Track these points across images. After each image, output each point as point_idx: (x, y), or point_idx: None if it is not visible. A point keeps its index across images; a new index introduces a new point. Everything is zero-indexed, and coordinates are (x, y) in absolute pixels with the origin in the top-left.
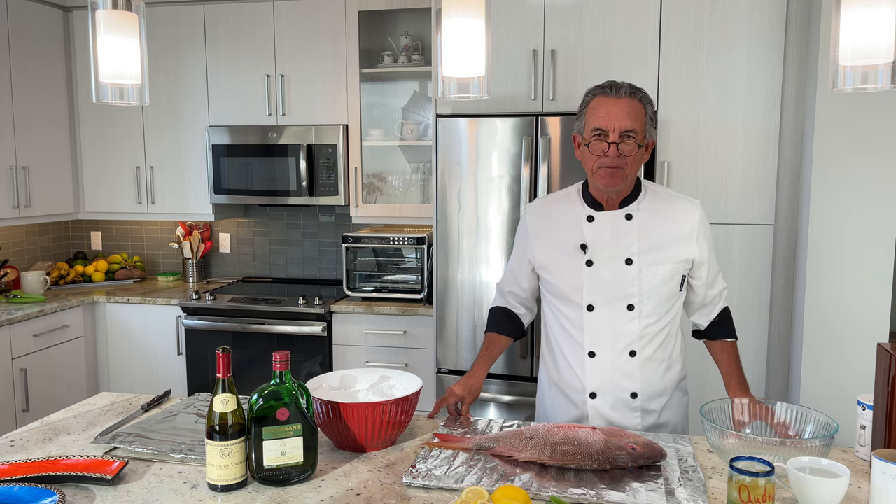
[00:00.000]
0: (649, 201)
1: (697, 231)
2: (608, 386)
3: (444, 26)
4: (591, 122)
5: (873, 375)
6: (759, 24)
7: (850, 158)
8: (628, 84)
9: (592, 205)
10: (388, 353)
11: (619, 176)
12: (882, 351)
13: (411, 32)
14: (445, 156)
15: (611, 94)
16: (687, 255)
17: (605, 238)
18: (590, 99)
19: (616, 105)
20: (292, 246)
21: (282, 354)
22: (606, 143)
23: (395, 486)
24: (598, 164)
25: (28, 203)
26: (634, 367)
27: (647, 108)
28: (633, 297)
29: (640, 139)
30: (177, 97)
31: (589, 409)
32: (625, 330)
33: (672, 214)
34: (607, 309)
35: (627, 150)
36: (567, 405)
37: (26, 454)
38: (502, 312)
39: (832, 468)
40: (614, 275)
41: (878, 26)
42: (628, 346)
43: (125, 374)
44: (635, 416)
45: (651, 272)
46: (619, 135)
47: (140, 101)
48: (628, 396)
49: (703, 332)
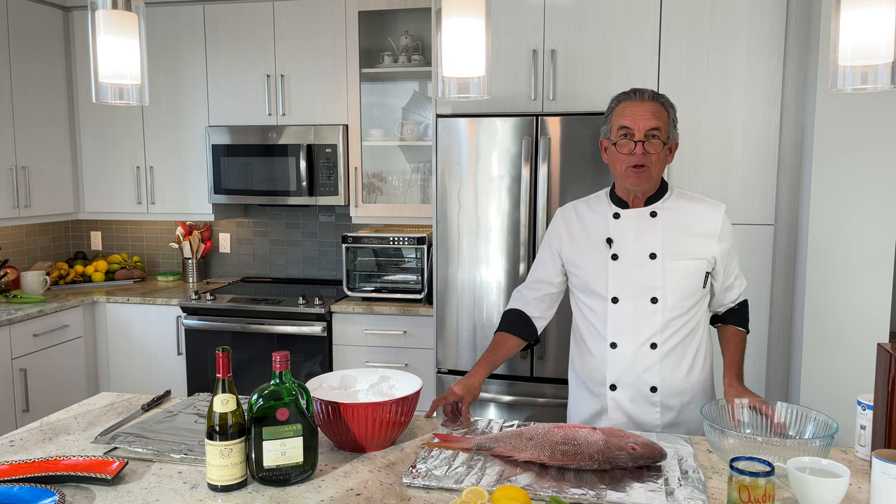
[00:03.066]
0: (674, 200)
1: (720, 231)
2: (629, 378)
3: (444, 26)
4: (616, 122)
5: (873, 375)
6: (759, 25)
7: (851, 158)
8: (651, 90)
9: (619, 204)
10: (388, 353)
11: (645, 175)
12: (882, 351)
13: (411, 32)
14: (445, 156)
15: (635, 97)
16: (709, 252)
17: (630, 233)
18: (615, 104)
19: (640, 107)
20: (292, 246)
21: (282, 354)
22: (633, 143)
23: (395, 486)
24: (625, 163)
25: (28, 203)
26: (655, 360)
27: (669, 111)
28: (657, 290)
29: (664, 138)
30: (177, 97)
31: (609, 402)
32: (647, 322)
33: (696, 213)
34: (631, 301)
35: (653, 148)
36: (588, 398)
37: (26, 454)
38: (515, 314)
39: (832, 468)
40: (638, 268)
41: (878, 26)
42: (650, 338)
43: (125, 374)
44: (654, 411)
45: (674, 266)
46: (645, 133)
47: (140, 101)
48: (648, 390)
49: (719, 318)
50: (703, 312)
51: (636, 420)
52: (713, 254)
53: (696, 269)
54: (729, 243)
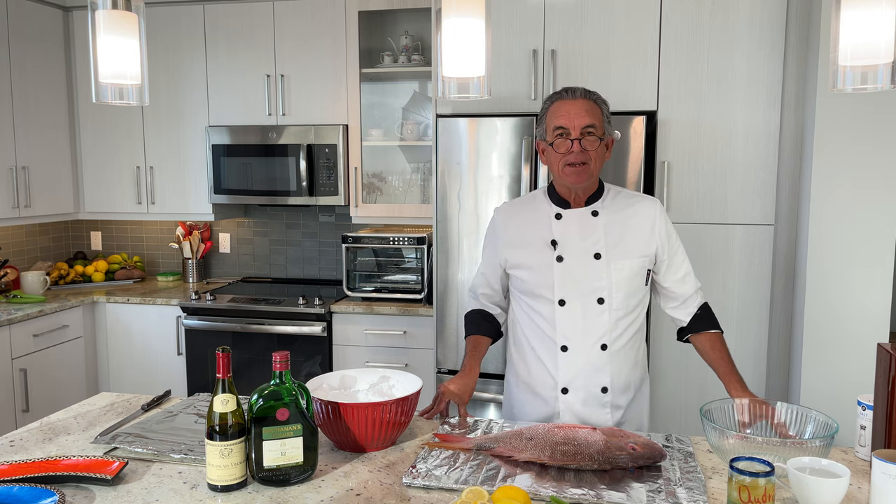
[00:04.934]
0: (612, 199)
1: (657, 225)
2: (580, 380)
3: (444, 26)
4: (552, 122)
5: (873, 375)
6: (759, 24)
7: (851, 158)
8: (582, 88)
9: (559, 203)
10: (388, 353)
11: (585, 172)
12: (882, 351)
13: (411, 32)
14: (445, 156)
15: (567, 96)
16: (649, 249)
17: (574, 234)
18: (548, 105)
19: (574, 105)
20: (292, 246)
21: (282, 354)
22: (570, 141)
23: (395, 487)
24: (563, 161)
25: (28, 203)
26: (606, 361)
27: (602, 108)
28: (603, 291)
29: (600, 134)
30: (177, 97)
31: (560, 405)
32: (596, 323)
33: (634, 211)
34: (579, 303)
35: (590, 144)
36: (537, 403)
37: (26, 454)
38: (479, 315)
39: (832, 468)
40: (584, 269)
41: (878, 26)
42: (600, 339)
43: (125, 374)
44: (605, 412)
45: (618, 265)
46: (581, 131)
47: (140, 101)
48: (599, 391)
49: (686, 329)
50: (643, 308)
51: (587, 422)
52: (652, 249)
53: (639, 266)
54: (668, 235)
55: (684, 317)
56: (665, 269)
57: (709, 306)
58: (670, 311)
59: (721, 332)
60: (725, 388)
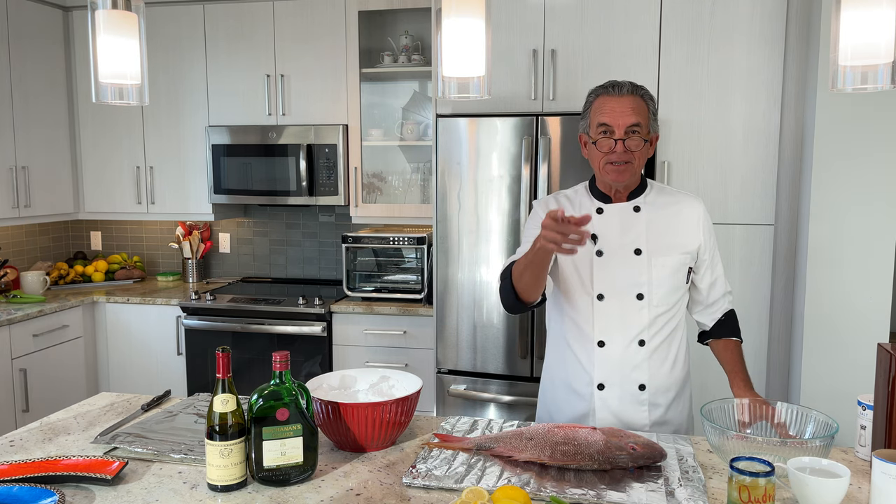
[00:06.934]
0: (655, 195)
1: (701, 224)
2: (616, 377)
3: (444, 26)
4: (595, 119)
5: (873, 375)
6: (759, 24)
7: (851, 158)
8: (629, 82)
9: (601, 198)
10: (388, 353)
11: (628, 171)
12: (882, 351)
13: (411, 32)
14: (445, 156)
15: (613, 92)
16: (692, 246)
17: (615, 229)
18: (593, 99)
19: (619, 102)
20: (292, 246)
21: (281, 354)
22: (613, 140)
23: (395, 487)
24: (605, 160)
25: (28, 203)
26: (643, 358)
27: (649, 104)
28: (643, 287)
29: (645, 133)
30: (177, 97)
31: (596, 402)
32: (634, 319)
33: (677, 208)
34: (617, 298)
35: (634, 145)
36: (573, 399)
37: (26, 454)
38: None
39: (832, 468)
40: (624, 265)
41: (878, 26)
42: (637, 335)
43: (125, 374)
44: (642, 410)
45: (659, 262)
46: (625, 131)
47: (140, 101)
48: (636, 388)
49: (708, 333)
50: (683, 307)
51: (624, 420)
52: (696, 247)
53: (679, 264)
54: (710, 236)
55: (708, 321)
56: (704, 270)
57: (734, 314)
58: (696, 314)
59: (740, 340)
60: (730, 384)
